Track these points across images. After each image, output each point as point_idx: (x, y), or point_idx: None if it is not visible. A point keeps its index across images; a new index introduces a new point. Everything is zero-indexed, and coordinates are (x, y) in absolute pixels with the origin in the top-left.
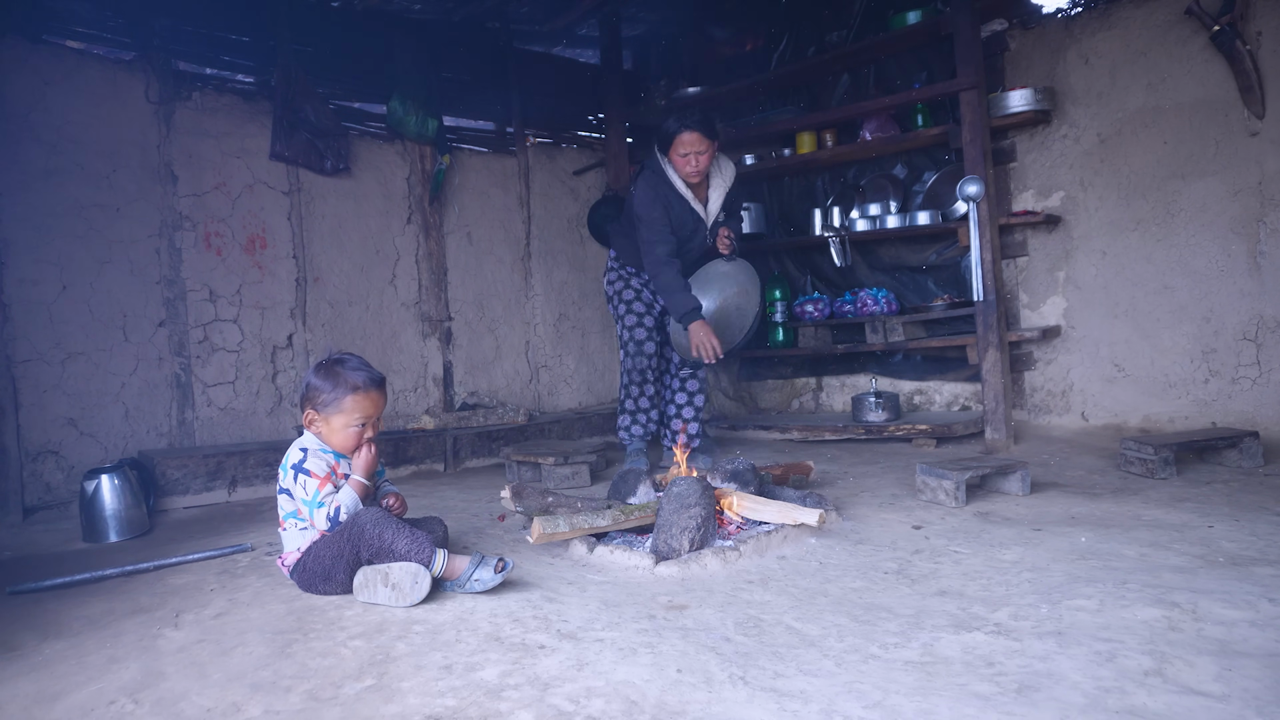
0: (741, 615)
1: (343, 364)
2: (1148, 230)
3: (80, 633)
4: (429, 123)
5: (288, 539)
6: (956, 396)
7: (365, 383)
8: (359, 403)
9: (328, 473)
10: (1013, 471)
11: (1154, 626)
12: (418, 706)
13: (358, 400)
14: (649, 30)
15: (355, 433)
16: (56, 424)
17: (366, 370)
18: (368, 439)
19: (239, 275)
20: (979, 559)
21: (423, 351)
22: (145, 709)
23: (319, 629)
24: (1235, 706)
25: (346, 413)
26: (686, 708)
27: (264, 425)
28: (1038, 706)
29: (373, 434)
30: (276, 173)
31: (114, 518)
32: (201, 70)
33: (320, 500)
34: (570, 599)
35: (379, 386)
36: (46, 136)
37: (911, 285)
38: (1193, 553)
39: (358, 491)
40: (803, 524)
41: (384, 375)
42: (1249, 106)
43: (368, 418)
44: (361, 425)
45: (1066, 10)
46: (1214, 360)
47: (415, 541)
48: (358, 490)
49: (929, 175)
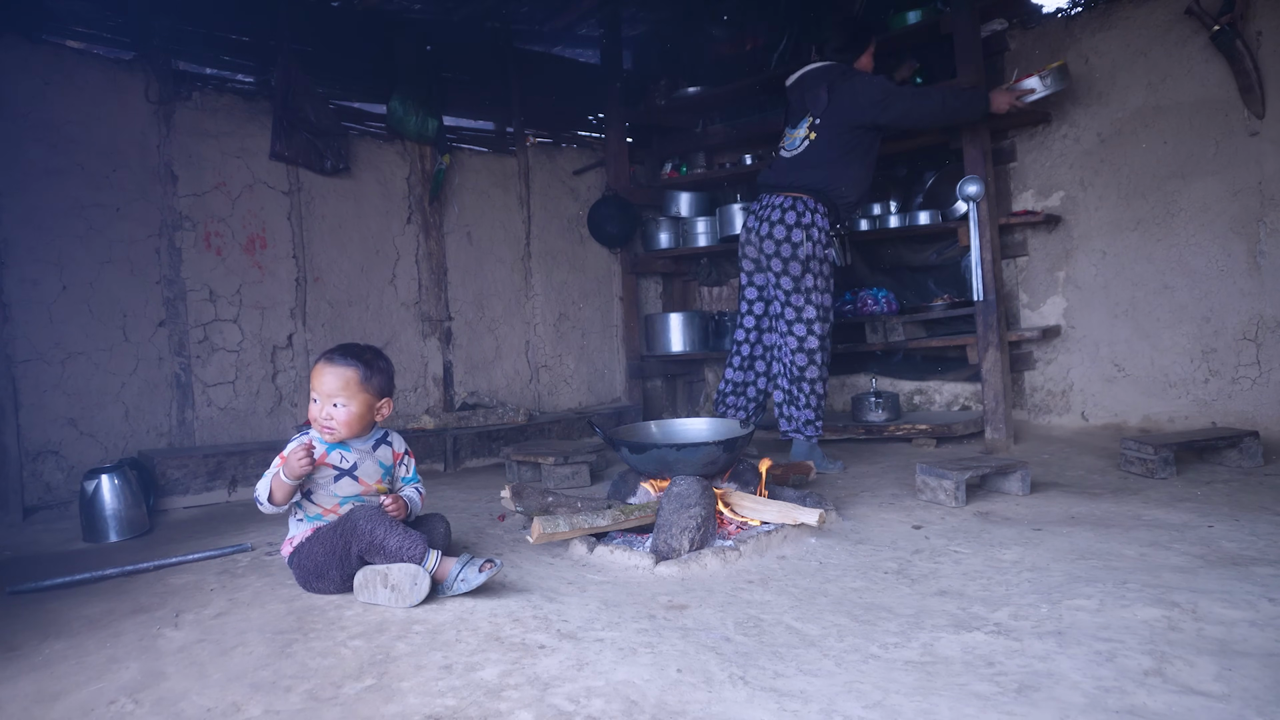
0: (741, 615)
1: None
2: (1148, 230)
3: (80, 632)
4: (429, 123)
5: (291, 526)
6: (956, 396)
7: (321, 356)
8: (313, 376)
9: (293, 451)
10: (1013, 471)
11: (1154, 626)
12: (418, 706)
13: (313, 373)
14: (649, 30)
15: (313, 409)
16: (56, 424)
17: (337, 349)
18: (321, 419)
19: (239, 275)
20: (979, 559)
21: (423, 351)
22: (145, 709)
23: (319, 629)
24: (1235, 706)
25: (311, 386)
26: (686, 708)
27: (264, 425)
28: (1038, 706)
29: (336, 415)
30: (276, 173)
31: (114, 518)
32: (201, 70)
33: (265, 474)
34: (570, 599)
35: (330, 361)
36: (46, 136)
37: (911, 285)
38: (1193, 552)
39: (274, 485)
40: (803, 524)
41: (358, 357)
42: (1249, 106)
43: (319, 392)
44: (315, 400)
45: (1066, 10)
46: (1214, 360)
47: (407, 539)
48: (275, 484)
49: (929, 175)
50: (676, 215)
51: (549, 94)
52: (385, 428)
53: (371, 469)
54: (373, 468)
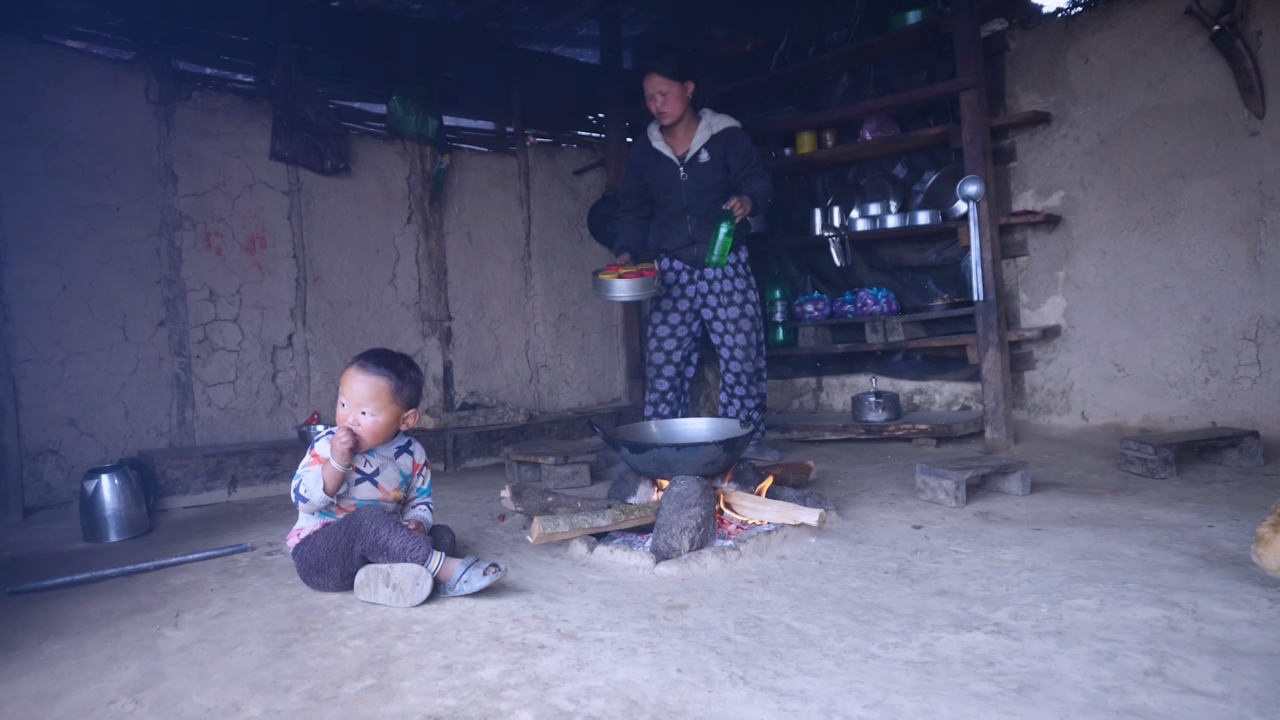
0: (741, 615)
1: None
2: (1148, 230)
3: (80, 632)
4: (429, 122)
5: (301, 518)
6: (956, 396)
7: (350, 362)
8: (344, 380)
9: (337, 435)
10: (1013, 471)
11: (1154, 626)
12: (418, 706)
13: (344, 377)
14: (649, 30)
15: (340, 413)
16: (56, 424)
17: (370, 356)
18: (349, 424)
19: (239, 275)
20: (979, 559)
21: (423, 351)
22: (145, 709)
23: (319, 629)
24: (1235, 706)
25: (341, 390)
26: (686, 707)
27: (264, 425)
28: (1038, 706)
29: (363, 422)
30: (276, 172)
31: (114, 517)
32: (201, 70)
33: (298, 473)
34: (570, 599)
35: (363, 368)
36: (46, 136)
37: (911, 285)
38: (1193, 552)
39: (324, 474)
40: (803, 524)
41: (391, 367)
42: (1249, 106)
43: (348, 398)
44: (344, 405)
45: (1066, 10)
46: (1214, 360)
47: (411, 540)
48: (325, 473)
49: (929, 175)
50: None
51: (549, 94)
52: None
53: (391, 476)
54: (393, 475)
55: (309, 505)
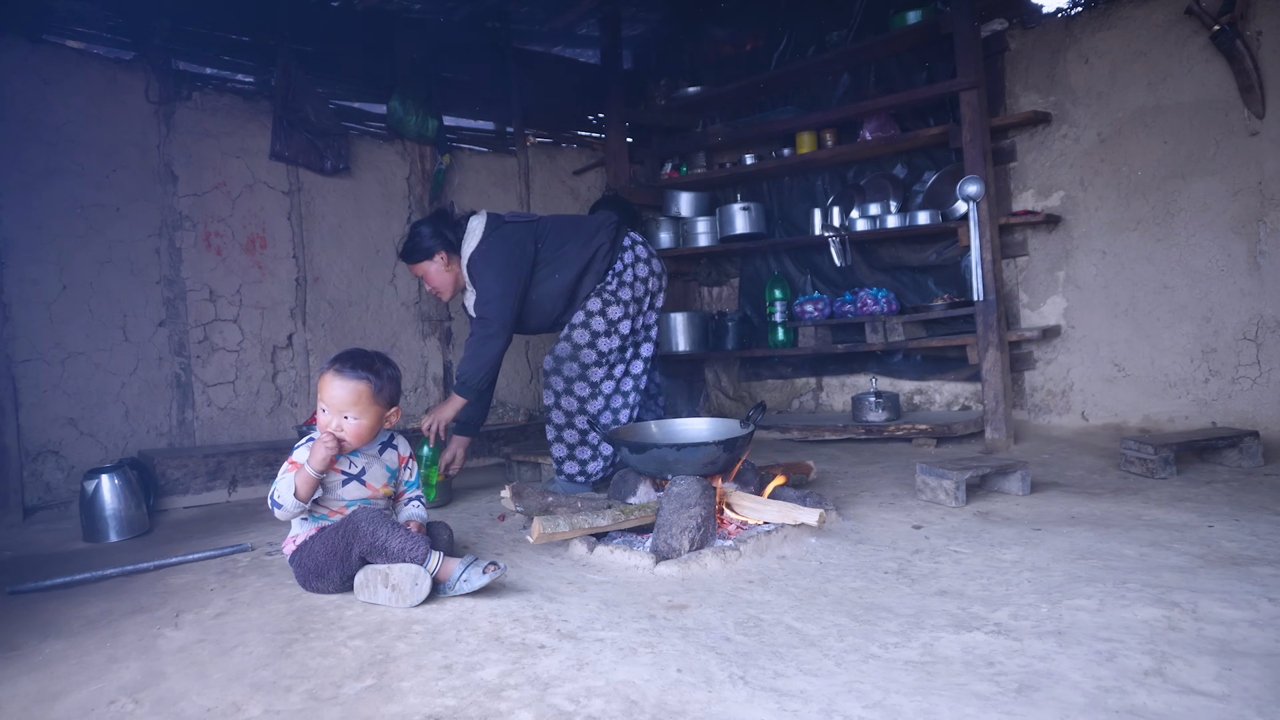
0: (741, 615)
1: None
2: (1148, 230)
3: (80, 632)
4: (429, 122)
5: (294, 525)
6: (956, 396)
7: (326, 366)
8: (322, 386)
9: (320, 440)
10: (1013, 471)
11: (1154, 626)
12: (418, 706)
13: (322, 383)
14: (649, 30)
15: (322, 419)
16: (56, 424)
17: (345, 358)
18: (332, 430)
19: (239, 275)
20: (979, 559)
21: (423, 351)
22: (145, 709)
23: (319, 629)
24: (1235, 706)
25: (319, 396)
26: (686, 707)
27: (264, 425)
28: (1038, 706)
29: (347, 428)
30: (276, 172)
31: (114, 517)
32: (201, 70)
33: (275, 479)
34: (570, 599)
35: (339, 373)
36: (46, 136)
37: (911, 285)
38: (1193, 552)
39: (297, 480)
40: (803, 524)
41: (369, 368)
42: (1249, 106)
43: (328, 405)
44: (324, 411)
45: (1066, 10)
46: (1214, 360)
47: (410, 540)
48: (298, 479)
49: (929, 175)
50: (677, 215)
51: (549, 94)
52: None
53: (378, 474)
54: (380, 472)
55: (283, 512)
